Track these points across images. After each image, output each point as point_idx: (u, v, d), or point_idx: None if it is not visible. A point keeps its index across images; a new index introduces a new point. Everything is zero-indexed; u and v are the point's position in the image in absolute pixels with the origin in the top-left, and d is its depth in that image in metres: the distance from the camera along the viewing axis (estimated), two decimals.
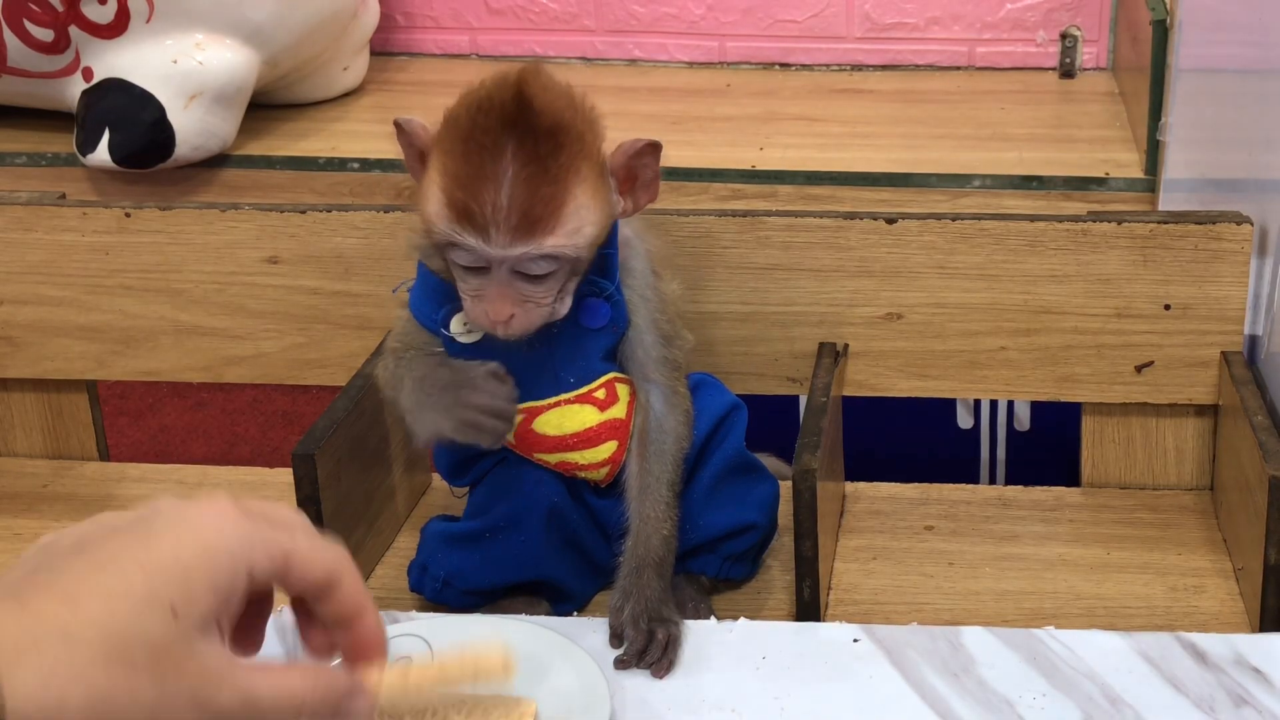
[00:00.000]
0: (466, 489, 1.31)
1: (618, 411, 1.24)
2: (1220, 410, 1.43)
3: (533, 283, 1.11)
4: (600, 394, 1.23)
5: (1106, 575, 1.34)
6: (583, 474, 1.25)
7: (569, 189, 1.09)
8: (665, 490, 1.23)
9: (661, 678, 1.10)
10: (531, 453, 1.24)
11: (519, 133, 1.07)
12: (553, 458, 1.24)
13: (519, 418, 1.19)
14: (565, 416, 1.22)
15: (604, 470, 1.25)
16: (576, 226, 1.10)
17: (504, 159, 1.07)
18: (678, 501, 1.24)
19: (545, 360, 1.21)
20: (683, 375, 1.26)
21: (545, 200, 1.08)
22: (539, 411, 1.22)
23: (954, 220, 1.42)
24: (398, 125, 1.16)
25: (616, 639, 1.15)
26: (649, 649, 1.12)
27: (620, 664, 1.12)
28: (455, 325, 1.20)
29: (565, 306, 1.15)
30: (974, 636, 1.13)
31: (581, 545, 1.27)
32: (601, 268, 1.20)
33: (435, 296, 1.21)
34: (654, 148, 1.15)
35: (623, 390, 1.24)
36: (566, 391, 1.22)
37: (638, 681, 1.11)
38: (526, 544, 1.23)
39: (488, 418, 1.14)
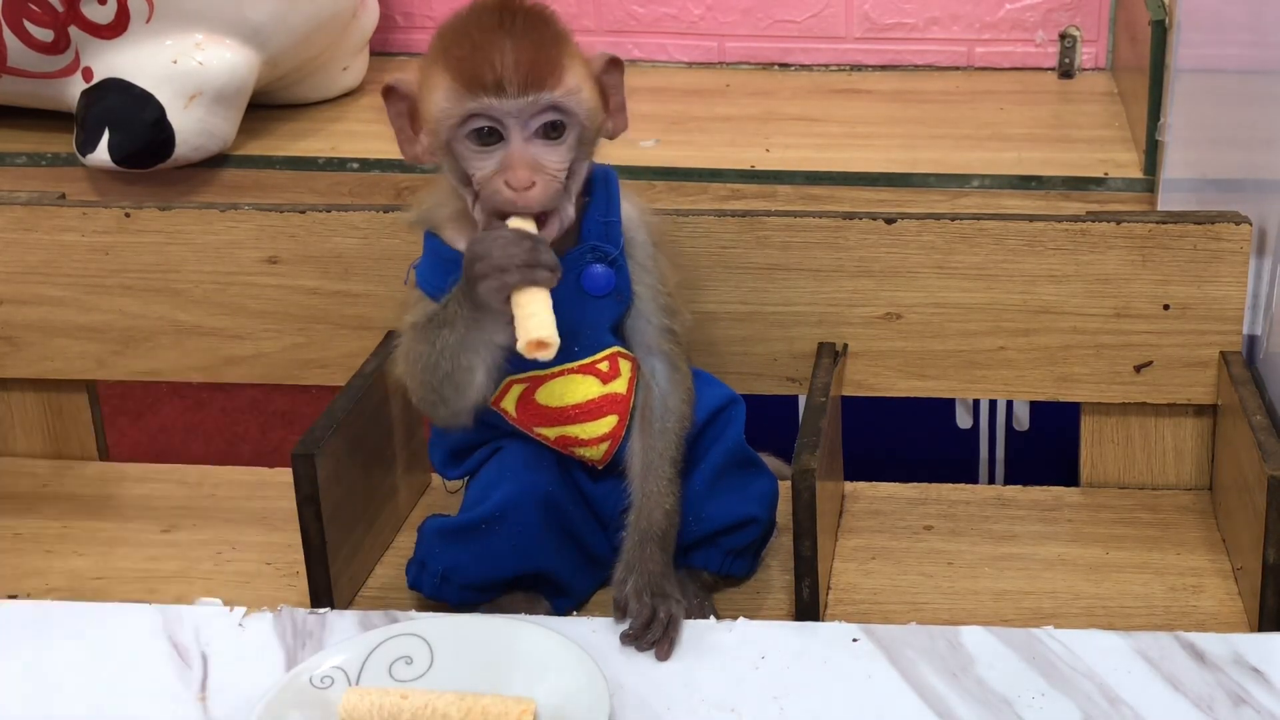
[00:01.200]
0: (461, 484, 1.32)
1: (619, 386, 1.25)
2: (1219, 410, 1.43)
3: (548, 147, 1.16)
4: (603, 366, 1.24)
5: (1105, 575, 1.34)
6: (581, 450, 1.26)
7: (564, 51, 1.17)
8: (668, 467, 1.24)
9: (664, 659, 1.12)
10: (531, 426, 1.25)
11: (507, 12, 1.15)
12: (552, 432, 1.25)
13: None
14: (567, 387, 1.23)
15: (603, 447, 1.26)
16: (577, 85, 1.16)
17: (501, 30, 1.14)
18: (680, 479, 1.25)
19: None
20: (684, 353, 1.28)
21: (548, 57, 1.15)
22: (542, 380, 1.23)
23: (953, 220, 1.42)
24: (389, 89, 1.20)
25: (620, 612, 1.17)
26: (651, 626, 1.14)
27: (625, 639, 1.14)
28: None
29: (571, 207, 1.18)
30: (973, 636, 1.13)
31: (578, 536, 1.28)
32: (605, 235, 1.23)
33: (443, 267, 1.22)
34: (616, 64, 1.22)
35: (625, 366, 1.26)
36: (571, 361, 1.23)
37: (637, 681, 1.11)
38: (523, 535, 1.24)
39: (513, 251, 1.12)
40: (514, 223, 1.14)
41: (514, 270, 1.11)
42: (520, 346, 1.11)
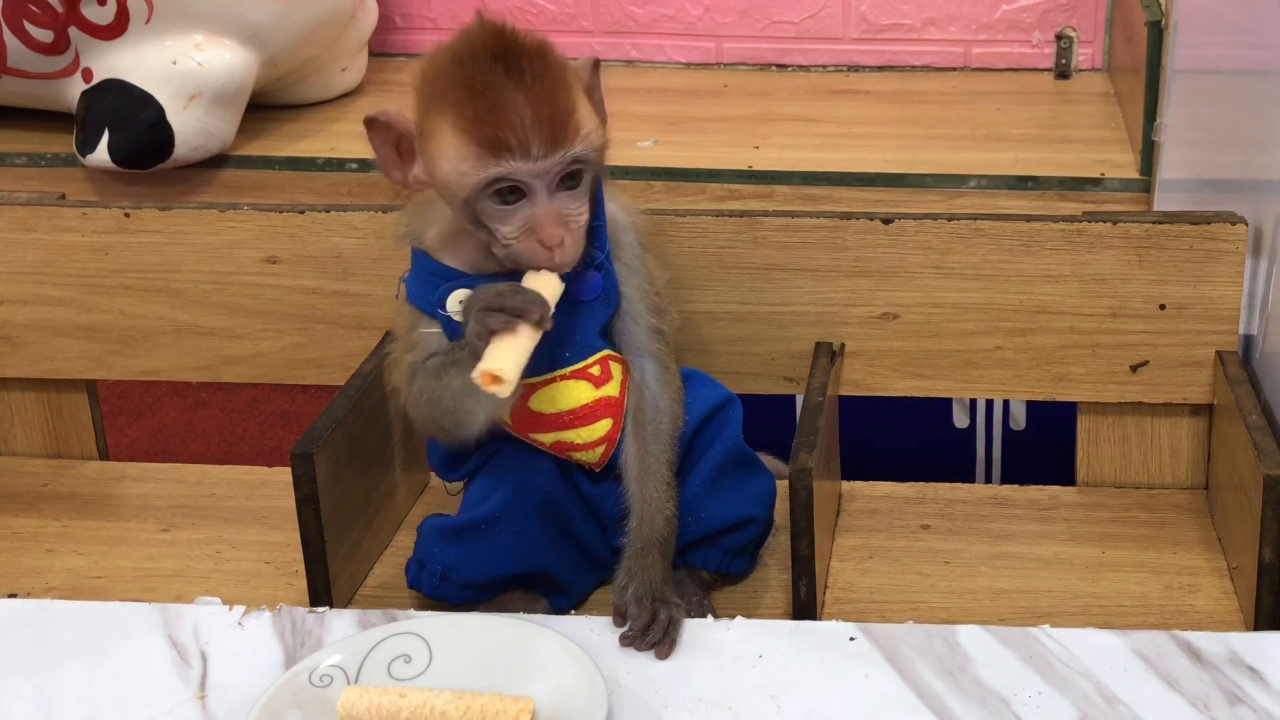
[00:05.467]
0: (460, 485, 1.32)
1: (611, 389, 1.25)
2: (1215, 410, 1.43)
3: (570, 198, 1.15)
4: (595, 370, 1.25)
5: (1102, 574, 1.34)
6: (578, 455, 1.26)
7: (574, 95, 1.14)
8: (665, 470, 1.25)
9: (664, 658, 1.12)
10: (527, 433, 1.25)
11: (511, 60, 1.12)
12: (548, 438, 1.25)
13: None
14: (561, 393, 1.23)
15: (599, 450, 1.26)
16: (591, 129, 1.15)
17: (510, 85, 1.12)
18: (675, 480, 1.26)
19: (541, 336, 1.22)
20: (672, 353, 1.28)
21: (563, 108, 1.13)
22: (535, 388, 1.23)
23: (950, 220, 1.43)
24: (374, 121, 1.18)
25: (620, 618, 1.18)
26: (651, 628, 1.14)
27: (624, 641, 1.14)
28: (451, 304, 1.21)
29: (584, 239, 1.18)
30: (970, 635, 1.13)
31: (577, 536, 1.28)
32: (592, 239, 1.22)
33: (431, 280, 1.23)
34: (596, 66, 1.21)
35: (616, 369, 1.26)
36: (562, 367, 1.23)
37: (635, 680, 1.11)
38: (523, 534, 1.24)
39: (514, 301, 1.12)
40: (534, 279, 1.15)
41: (497, 316, 1.12)
42: (474, 374, 1.09)
